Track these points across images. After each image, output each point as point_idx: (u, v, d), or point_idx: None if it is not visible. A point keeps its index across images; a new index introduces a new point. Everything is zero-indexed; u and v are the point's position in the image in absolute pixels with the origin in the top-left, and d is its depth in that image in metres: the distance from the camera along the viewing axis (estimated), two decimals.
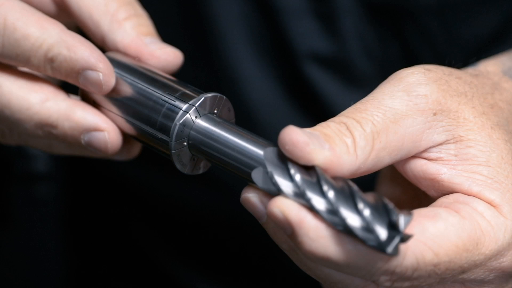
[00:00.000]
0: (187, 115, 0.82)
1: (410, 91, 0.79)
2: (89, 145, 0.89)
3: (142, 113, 0.85)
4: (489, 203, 0.78)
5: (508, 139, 0.81)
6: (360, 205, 0.72)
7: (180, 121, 0.82)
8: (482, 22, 1.12)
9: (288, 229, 0.74)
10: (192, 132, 0.82)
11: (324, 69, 1.15)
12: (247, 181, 0.80)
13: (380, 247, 0.71)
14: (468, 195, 0.78)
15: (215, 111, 0.84)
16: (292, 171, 0.75)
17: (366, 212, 0.71)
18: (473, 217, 0.76)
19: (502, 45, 1.11)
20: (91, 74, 0.86)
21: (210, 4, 1.15)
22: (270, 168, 0.76)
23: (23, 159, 1.50)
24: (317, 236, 0.73)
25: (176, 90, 0.84)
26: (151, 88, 0.86)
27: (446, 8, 1.10)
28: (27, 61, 0.87)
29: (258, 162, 0.78)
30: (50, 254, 1.54)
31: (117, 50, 0.91)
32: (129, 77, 0.87)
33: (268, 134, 1.11)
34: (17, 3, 0.88)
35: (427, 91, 0.79)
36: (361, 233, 0.71)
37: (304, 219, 0.73)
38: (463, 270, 0.76)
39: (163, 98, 0.84)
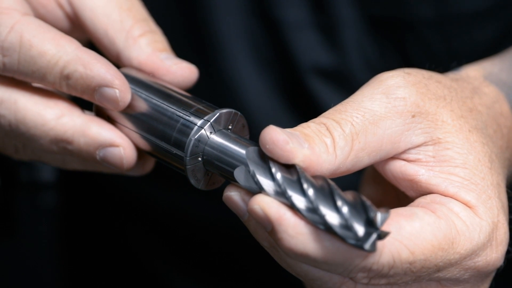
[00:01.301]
0: (202, 131, 0.82)
1: (389, 94, 0.81)
2: (105, 161, 0.89)
3: (157, 129, 0.85)
4: (465, 204, 0.79)
5: (486, 142, 0.83)
6: (339, 203, 0.73)
7: (195, 137, 0.82)
8: (480, 34, 1.13)
9: (268, 226, 0.75)
10: (206, 147, 0.82)
11: (325, 81, 1.17)
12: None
13: (358, 243, 0.73)
14: (445, 195, 0.80)
15: (230, 127, 0.84)
16: (273, 169, 0.76)
17: (345, 209, 0.73)
18: (449, 217, 0.78)
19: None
20: (107, 91, 0.87)
21: (212, 17, 1.16)
22: (252, 167, 0.77)
23: (28, 168, 1.51)
24: (296, 233, 0.74)
25: (191, 106, 0.84)
26: (166, 104, 0.86)
27: (445, 20, 1.12)
28: (42, 78, 0.88)
29: None
30: (49, 260, 1.55)
31: (131, 66, 0.92)
32: (144, 93, 0.88)
33: None
34: (32, 20, 0.88)
35: (406, 93, 0.81)
36: (339, 230, 0.73)
37: (284, 216, 0.75)
38: (439, 269, 0.78)
39: (178, 113, 0.84)
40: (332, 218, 0.73)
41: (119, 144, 0.88)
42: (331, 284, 0.78)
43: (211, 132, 0.83)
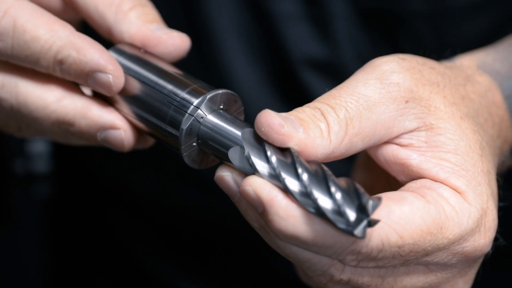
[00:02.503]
0: (198, 111, 0.83)
1: (383, 79, 0.81)
2: (105, 142, 0.90)
3: (152, 108, 0.85)
4: (455, 189, 0.80)
5: (477, 129, 0.84)
6: (333, 189, 0.74)
7: (191, 117, 0.83)
8: (472, 27, 1.14)
9: (260, 207, 0.76)
10: (202, 127, 0.83)
11: (317, 72, 1.17)
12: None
13: (348, 229, 0.73)
14: (435, 181, 0.80)
15: (225, 108, 0.84)
16: (269, 152, 0.77)
17: (338, 195, 0.73)
18: (438, 202, 0.79)
19: None
20: (101, 76, 0.87)
21: (205, 9, 1.16)
22: (247, 148, 0.78)
23: (22, 160, 1.51)
24: (286, 215, 0.75)
25: (188, 85, 0.85)
26: (162, 83, 0.86)
27: (437, 14, 1.12)
28: (36, 63, 0.88)
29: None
30: (41, 250, 1.55)
31: (125, 43, 0.91)
32: (140, 72, 0.88)
33: None
34: (26, 4, 0.88)
35: (400, 79, 0.81)
36: (331, 215, 0.74)
37: (275, 198, 0.75)
38: (427, 253, 0.78)
39: (174, 92, 0.84)
40: (325, 203, 0.74)
41: (120, 126, 0.89)
42: (320, 266, 0.79)
43: (207, 113, 0.83)
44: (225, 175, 0.80)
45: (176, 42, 0.91)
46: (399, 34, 1.14)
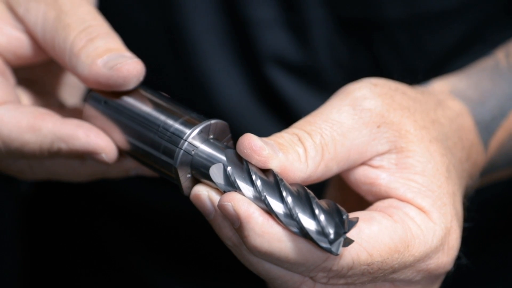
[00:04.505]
0: (190, 141, 0.85)
1: (355, 106, 0.85)
2: (139, 175, 0.96)
3: (145, 143, 0.87)
4: (420, 209, 0.83)
5: (445, 153, 0.87)
6: (316, 211, 0.77)
7: (184, 149, 0.85)
8: (448, 34, 1.16)
9: (236, 223, 0.79)
10: (195, 158, 0.85)
11: (294, 77, 1.19)
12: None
13: (329, 248, 0.76)
14: (402, 200, 0.84)
15: (211, 136, 0.86)
16: (254, 176, 0.80)
17: (322, 217, 0.77)
18: (405, 221, 0.82)
19: (466, 55, 1.17)
20: (95, 156, 0.90)
21: (182, 13, 1.18)
22: (231, 167, 0.81)
23: None
24: (262, 232, 0.78)
25: (178, 117, 0.87)
26: (152, 119, 0.87)
27: (414, 20, 1.15)
28: (36, 157, 0.91)
29: None
30: (18, 249, 1.56)
31: (99, 90, 0.91)
32: (127, 113, 0.89)
33: None
34: (4, 112, 0.91)
35: (372, 105, 0.85)
36: (315, 236, 0.77)
37: (252, 215, 0.78)
38: (394, 270, 0.82)
39: (166, 124, 0.86)
40: (309, 224, 0.77)
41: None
42: (292, 283, 0.81)
43: (199, 143, 0.85)
44: (202, 194, 0.82)
45: (123, 74, 0.88)
46: (377, 40, 1.16)
